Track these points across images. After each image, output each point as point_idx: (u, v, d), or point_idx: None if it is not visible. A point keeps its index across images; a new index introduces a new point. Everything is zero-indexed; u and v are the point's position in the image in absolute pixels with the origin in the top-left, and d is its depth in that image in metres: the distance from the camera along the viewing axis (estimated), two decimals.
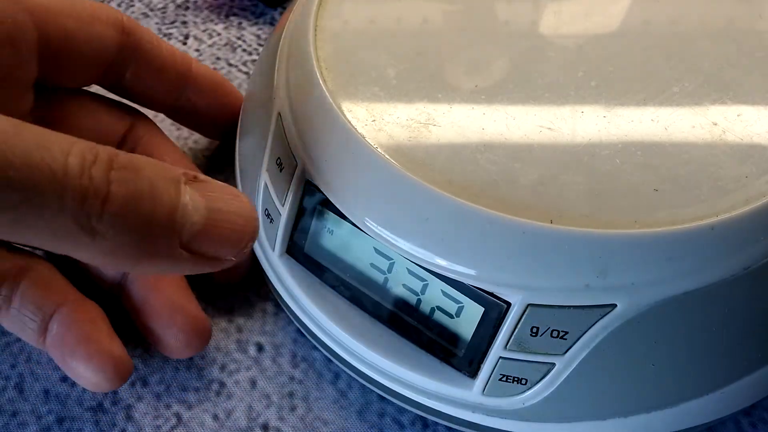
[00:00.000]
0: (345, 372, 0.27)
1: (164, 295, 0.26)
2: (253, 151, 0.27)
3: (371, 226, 0.22)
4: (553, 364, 0.21)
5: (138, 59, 0.27)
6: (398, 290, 0.23)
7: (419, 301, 0.23)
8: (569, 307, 0.20)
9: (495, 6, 0.26)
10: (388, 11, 0.26)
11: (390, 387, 0.24)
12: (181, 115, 0.31)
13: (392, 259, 0.23)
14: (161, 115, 0.31)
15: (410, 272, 0.22)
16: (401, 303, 0.23)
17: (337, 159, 0.23)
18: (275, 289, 0.26)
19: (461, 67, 0.24)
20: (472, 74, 0.24)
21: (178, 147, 0.30)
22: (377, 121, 0.22)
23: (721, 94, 0.23)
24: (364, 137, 0.22)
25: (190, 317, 0.25)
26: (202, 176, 0.20)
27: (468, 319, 0.22)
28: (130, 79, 0.27)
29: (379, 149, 0.22)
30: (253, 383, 0.27)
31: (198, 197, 0.19)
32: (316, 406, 0.26)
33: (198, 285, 0.28)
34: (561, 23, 0.26)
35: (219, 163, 0.33)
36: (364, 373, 0.24)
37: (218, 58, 0.38)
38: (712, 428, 0.25)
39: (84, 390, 0.26)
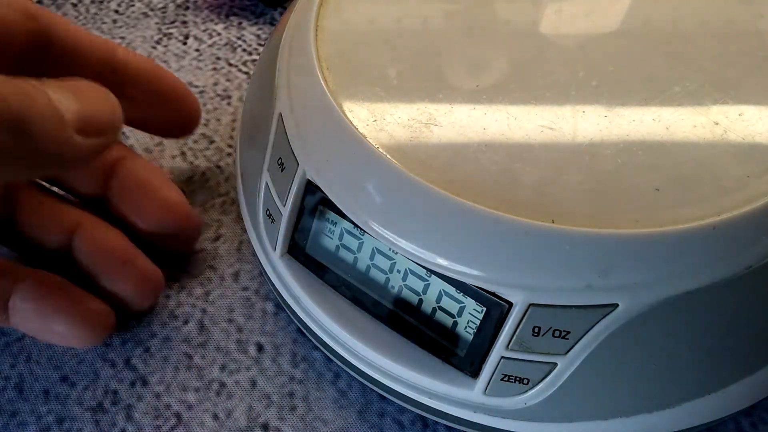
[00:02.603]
0: (345, 372, 0.27)
1: (113, 252, 0.27)
2: (254, 151, 0.27)
3: (372, 226, 0.22)
4: (555, 364, 0.21)
5: (52, 47, 0.25)
6: (399, 290, 0.23)
7: (421, 301, 0.23)
8: (571, 306, 0.20)
9: (496, 5, 0.26)
10: (388, 11, 0.26)
11: (391, 387, 0.24)
12: None
13: (393, 259, 0.23)
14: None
15: (412, 272, 0.22)
16: (402, 303, 0.23)
17: (338, 159, 0.23)
18: (276, 289, 0.26)
19: (462, 66, 0.24)
20: (473, 74, 0.24)
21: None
22: (378, 121, 0.22)
23: (723, 93, 0.23)
24: (365, 137, 0.22)
25: (141, 269, 0.27)
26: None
27: (470, 319, 0.22)
28: (48, 70, 0.25)
29: (380, 149, 0.22)
30: (253, 383, 0.27)
31: (63, 91, 0.20)
32: (316, 406, 0.26)
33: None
34: (562, 23, 0.26)
35: (220, 163, 0.33)
36: (366, 373, 0.24)
37: (218, 58, 0.38)
38: (713, 428, 0.25)
39: (84, 390, 0.26)
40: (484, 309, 0.21)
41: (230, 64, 0.38)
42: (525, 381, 0.22)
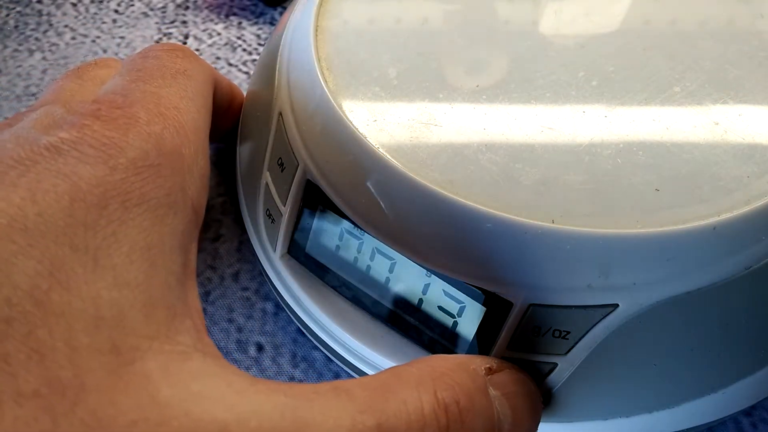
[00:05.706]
0: (345, 372, 0.27)
1: None
2: (254, 151, 0.27)
3: (372, 227, 0.22)
4: (555, 364, 0.21)
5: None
6: (400, 290, 0.23)
7: (421, 301, 0.23)
8: (571, 307, 0.20)
9: (496, 6, 0.26)
10: (388, 11, 0.26)
11: None
12: None
13: (393, 259, 0.23)
14: None
15: (412, 272, 0.22)
16: (403, 303, 0.23)
17: (338, 159, 0.23)
18: (276, 289, 0.26)
19: (462, 66, 0.24)
20: (473, 74, 0.24)
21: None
22: (378, 121, 0.22)
23: (723, 93, 0.23)
24: (365, 137, 0.22)
25: None
26: (494, 364, 0.20)
27: (470, 319, 0.22)
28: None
29: (380, 149, 0.22)
30: None
31: (505, 405, 0.20)
32: None
33: (199, 282, 0.28)
34: (562, 23, 0.26)
35: (220, 163, 0.33)
36: (366, 374, 0.24)
37: (218, 58, 0.38)
38: (713, 428, 0.25)
39: None
40: (484, 309, 0.21)
41: (230, 64, 0.38)
42: None
